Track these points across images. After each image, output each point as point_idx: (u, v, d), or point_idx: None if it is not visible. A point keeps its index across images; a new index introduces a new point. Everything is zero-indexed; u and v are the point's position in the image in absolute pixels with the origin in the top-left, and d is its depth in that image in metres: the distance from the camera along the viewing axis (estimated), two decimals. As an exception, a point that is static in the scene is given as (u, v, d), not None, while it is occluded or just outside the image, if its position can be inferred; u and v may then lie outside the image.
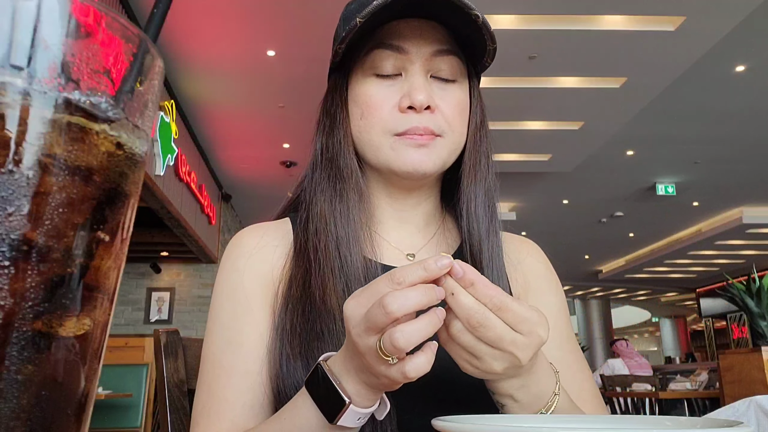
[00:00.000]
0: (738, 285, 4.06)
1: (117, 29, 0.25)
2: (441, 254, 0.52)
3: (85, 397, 0.25)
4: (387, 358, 0.50)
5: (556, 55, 5.14)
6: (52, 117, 0.23)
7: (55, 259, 0.23)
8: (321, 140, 0.84)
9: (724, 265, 13.73)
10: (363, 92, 0.80)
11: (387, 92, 0.79)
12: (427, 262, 0.51)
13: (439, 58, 0.79)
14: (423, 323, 0.50)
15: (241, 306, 0.78)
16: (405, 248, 0.85)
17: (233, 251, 0.83)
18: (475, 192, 0.83)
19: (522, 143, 7.14)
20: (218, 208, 8.38)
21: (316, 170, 0.84)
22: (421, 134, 0.77)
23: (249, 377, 0.74)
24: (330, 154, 0.82)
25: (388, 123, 0.78)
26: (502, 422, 0.57)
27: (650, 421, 0.55)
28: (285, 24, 4.58)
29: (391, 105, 0.78)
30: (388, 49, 0.78)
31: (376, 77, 0.80)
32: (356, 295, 0.54)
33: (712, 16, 4.62)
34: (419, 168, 0.77)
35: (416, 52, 0.78)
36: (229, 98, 5.98)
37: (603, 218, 10.79)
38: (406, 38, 0.79)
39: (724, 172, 8.48)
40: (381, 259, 0.80)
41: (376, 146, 0.79)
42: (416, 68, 0.78)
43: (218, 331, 0.78)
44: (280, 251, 0.82)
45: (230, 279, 0.81)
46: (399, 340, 0.48)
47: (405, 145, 0.77)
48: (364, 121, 0.80)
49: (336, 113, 0.83)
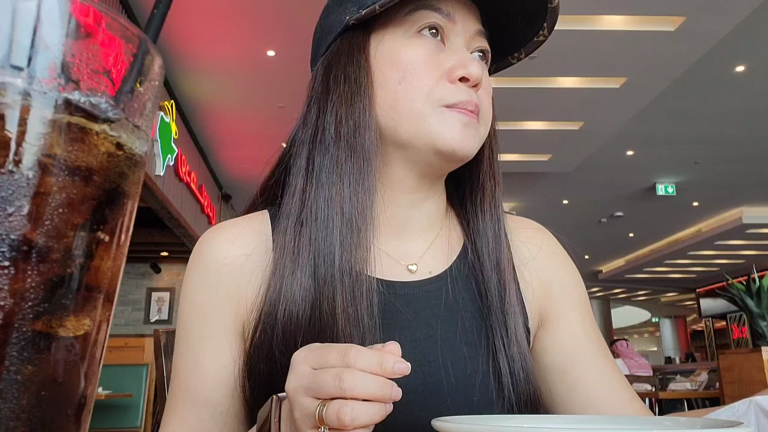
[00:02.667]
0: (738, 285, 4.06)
1: (117, 29, 0.25)
2: (399, 363, 0.48)
3: (85, 397, 0.25)
4: (320, 427, 0.47)
5: (556, 55, 5.14)
6: (52, 117, 0.23)
7: (55, 260, 0.23)
8: (334, 111, 0.71)
9: (724, 265, 13.72)
10: (404, 53, 0.70)
11: (434, 58, 0.70)
12: (386, 360, 0.47)
13: (479, 39, 0.74)
14: (375, 408, 0.46)
15: (209, 327, 0.71)
16: (403, 257, 0.76)
17: (201, 261, 0.73)
18: (492, 194, 0.78)
19: (522, 143, 7.14)
20: (218, 208, 8.38)
21: (326, 149, 0.70)
22: (471, 110, 0.69)
23: (211, 407, 0.70)
24: (349, 129, 0.69)
25: (436, 91, 0.68)
26: (502, 422, 0.57)
27: (650, 421, 0.55)
28: (285, 24, 4.58)
29: (439, 73, 0.69)
30: (437, 12, 0.70)
31: (418, 39, 0.70)
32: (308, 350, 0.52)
33: (712, 16, 4.62)
34: (466, 146, 0.69)
35: (463, 25, 0.72)
36: (229, 98, 5.98)
37: (603, 218, 10.78)
38: (455, 7, 0.72)
39: (724, 172, 8.48)
40: (374, 272, 0.69)
41: (418, 116, 0.68)
42: (461, 41, 0.72)
43: (184, 346, 0.72)
44: (255, 260, 0.72)
45: (199, 294, 0.72)
46: (346, 415, 0.45)
47: (455, 119, 0.68)
48: (404, 85, 0.69)
49: (357, 77, 0.71)
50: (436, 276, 0.75)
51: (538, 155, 7.63)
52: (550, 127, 6.82)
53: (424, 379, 0.69)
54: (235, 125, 6.61)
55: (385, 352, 0.48)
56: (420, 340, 0.71)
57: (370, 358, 0.48)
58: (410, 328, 0.71)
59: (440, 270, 0.76)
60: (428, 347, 0.70)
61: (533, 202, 9.67)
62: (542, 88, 5.79)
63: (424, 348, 0.70)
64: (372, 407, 0.46)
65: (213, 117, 6.40)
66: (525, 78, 5.59)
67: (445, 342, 0.71)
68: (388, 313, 0.70)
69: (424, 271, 0.75)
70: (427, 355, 0.70)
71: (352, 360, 0.47)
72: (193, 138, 6.69)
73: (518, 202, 9.71)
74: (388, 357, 0.48)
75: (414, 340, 0.70)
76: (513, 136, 6.82)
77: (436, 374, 0.69)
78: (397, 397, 0.48)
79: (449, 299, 0.74)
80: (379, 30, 0.72)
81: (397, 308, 0.71)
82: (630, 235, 12.23)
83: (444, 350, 0.71)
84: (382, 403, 0.47)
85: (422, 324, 0.72)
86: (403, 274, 0.74)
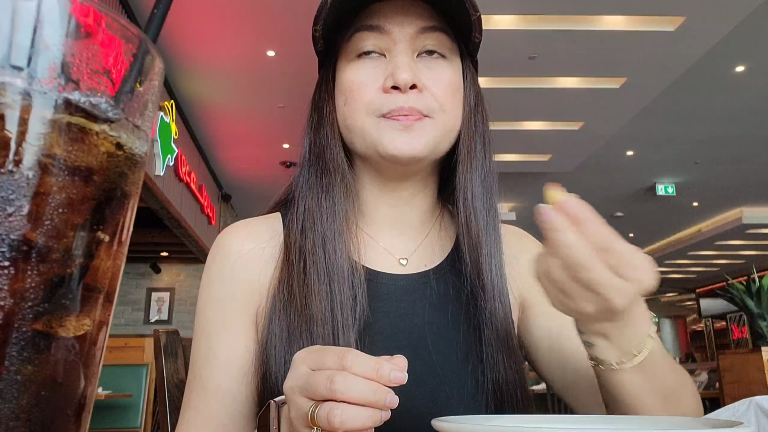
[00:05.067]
0: (738, 285, 4.06)
1: (117, 30, 0.25)
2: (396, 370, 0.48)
3: (85, 397, 0.25)
4: (313, 426, 0.48)
5: (556, 55, 5.14)
6: (52, 117, 0.23)
7: (55, 260, 0.23)
8: (309, 136, 0.82)
9: (724, 266, 13.72)
10: (346, 77, 0.77)
11: (371, 74, 0.75)
12: (383, 367, 0.47)
13: (424, 36, 0.76)
14: (367, 413, 0.46)
15: (222, 317, 0.76)
16: (397, 252, 0.81)
17: (218, 255, 0.79)
18: (471, 180, 0.79)
19: (522, 143, 7.14)
20: (218, 208, 8.38)
21: (305, 167, 0.81)
22: (406, 115, 0.73)
23: (220, 394, 0.72)
24: (317, 149, 0.79)
25: (372, 104, 0.74)
26: (502, 422, 0.57)
27: (650, 421, 0.55)
28: (285, 24, 4.58)
29: (375, 87, 0.74)
30: (368, 30, 0.75)
31: (358, 60, 0.76)
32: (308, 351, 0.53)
33: (712, 17, 4.62)
34: (406, 151, 0.73)
35: (399, 32, 0.75)
36: (229, 98, 5.98)
37: (603, 218, 10.75)
38: (388, 18, 0.75)
39: (724, 172, 8.48)
40: (367, 262, 0.77)
41: (360, 130, 0.75)
42: (400, 48, 0.75)
43: (200, 338, 0.76)
44: (269, 252, 0.79)
45: (214, 287, 0.78)
46: (336, 417, 0.45)
47: (390, 127, 0.73)
48: (348, 106, 0.76)
49: (323, 106, 0.80)
50: (429, 269, 0.80)
51: (538, 155, 7.63)
52: (550, 127, 6.82)
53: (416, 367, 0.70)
54: (235, 125, 6.61)
55: (383, 359, 0.48)
56: (414, 327, 0.75)
57: (367, 363, 0.48)
58: (404, 317, 0.75)
59: (433, 264, 0.81)
60: (421, 335, 0.74)
61: (533, 202, 9.59)
62: (542, 88, 5.79)
63: (417, 335, 0.74)
64: (363, 412, 0.46)
65: (213, 117, 6.40)
66: (525, 78, 5.59)
67: (437, 330, 0.75)
68: (382, 303, 0.75)
69: (418, 265, 0.80)
70: (421, 342, 0.74)
71: (349, 363, 0.48)
72: (193, 138, 6.69)
73: (518, 202, 9.71)
74: (385, 364, 0.48)
75: (408, 327, 0.75)
76: (513, 136, 6.81)
77: (429, 362, 0.73)
78: (393, 405, 0.47)
79: (441, 290, 0.78)
80: (337, 61, 0.80)
81: (390, 298, 0.76)
82: (630, 235, 12.21)
83: (437, 338, 0.75)
84: (376, 409, 0.47)
85: (417, 313, 0.76)
86: (396, 268, 0.80)
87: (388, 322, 0.74)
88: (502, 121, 6.48)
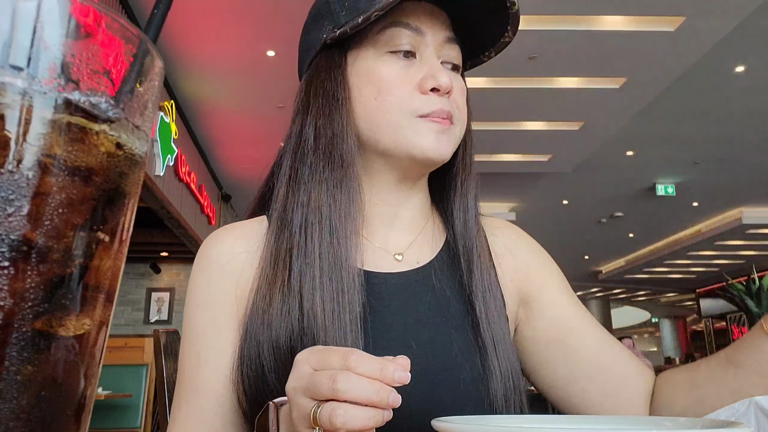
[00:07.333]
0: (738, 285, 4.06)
1: (117, 30, 0.25)
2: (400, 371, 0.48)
3: (85, 397, 0.25)
4: (315, 427, 0.47)
5: (556, 55, 5.14)
6: (52, 117, 0.23)
7: (54, 260, 0.23)
8: (313, 123, 0.77)
9: (724, 266, 13.73)
10: (378, 70, 0.76)
11: (406, 73, 0.76)
12: (387, 367, 0.47)
13: (449, 45, 0.78)
14: (369, 413, 0.46)
15: (210, 321, 0.75)
16: (391, 248, 0.81)
17: (203, 261, 0.78)
18: (467, 187, 0.83)
19: (522, 143, 7.14)
20: (218, 208, 8.38)
21: (305, 157, 0.77)
22: (444, 118, 0.75)
23: (213, 399, 0.72)
24: (327, 139, 0.76)
25: (410, 103, 0.74)
26: (502, 422, 0.57)
27: (650, 421, 0.56)
28: (285, 24, 4.58)
29: (411, 86, 0.75)
30: (406, 28, 0.76)
31: (393, 56, 0.76)
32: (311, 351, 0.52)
33: (712, 17, 4.62)
34: (441, 152, 0.75)
35: (432, 36, 0.77)
36: (229, 98, 5.98)
37: (603, 218, 10.78)
38: (421, 20, 0.77)
39: (724, 172, 8.48)
40: (363, 263, 0.75)
41: (395, 128, 0.74)
42: (431, 51, 0.77)
43: (189, 342, 0.76)
44: (254, 257, 0.77)
45: (200, 293, 0.77)
46: (338, 417, 0.45)
47: (428, 128, 0.74)
48: (380, 101, 0.75)
49: (335, 92, 0.77)
50: (422, 266, 0.81)
51: (538, 155, 7.63)
52: (550, 127, 6.82)
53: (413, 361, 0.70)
54: (235, 125, 6.61)
55: (388, 360, 0.48)
56: (409, 324, 0.75)
57: (371, 363, 0.48)
58: (399, 314, 0.75)
59: (426, 260, 0.81)
60: (416, 331, 0.75)
61: (533, 203, 9.67)
62: (542, 88, 5.79)
63: (412, 332, 0.74)
64: (366, 412, 0.46)
65: (213, 117, 6.40)
66: (525, 78, 5.60)
67: (432, 326, 0.75)
68: (377, 301, 0.75)
69: (412, 262, 0.81)
70: (416, 339, 0.74)
71: (353, 364, 0.47)
72: (193, 138, 6.69)
73: (518, 202, 9.71)
74: (389, 365, 0.48)
75: (403, 324, 0.75)
76: (513, 136, 6.82)
77: (425, 356, 0.73)
78: (396, 404, 0.47)
79: (435, 287, 0.79)
80: (355, 48, 0.78)
81: (385, 296, 0.76)
82: (630, 235, 12.23)
83: (432, 334, 0.75)
84: (379, 409, 0.47)
85: (411, 310, 0.76)
86: (391, 265, 0.80)
87: (380, 319, 0.74)
88: (502, 121, 6.48)
